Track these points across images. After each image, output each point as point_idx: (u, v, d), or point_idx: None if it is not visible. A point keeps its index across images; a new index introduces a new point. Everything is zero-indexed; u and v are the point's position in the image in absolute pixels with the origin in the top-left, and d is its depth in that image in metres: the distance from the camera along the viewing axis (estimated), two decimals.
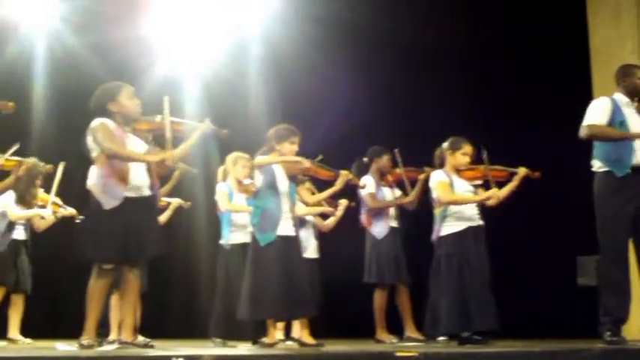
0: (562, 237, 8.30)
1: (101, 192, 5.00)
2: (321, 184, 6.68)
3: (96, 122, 5.06)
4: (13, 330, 7.26)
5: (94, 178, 5.06)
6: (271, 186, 5.84)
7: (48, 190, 7.13)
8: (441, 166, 6.39)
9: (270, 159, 5.84)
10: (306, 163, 5.91)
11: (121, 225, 4.96)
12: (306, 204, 6.57)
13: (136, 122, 5.26)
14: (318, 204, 6.78)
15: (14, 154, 6.19)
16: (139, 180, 5.07)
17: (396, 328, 7.29)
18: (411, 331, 7.14)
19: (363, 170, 7.29)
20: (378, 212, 7.22)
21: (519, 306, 7.98)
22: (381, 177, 7.32)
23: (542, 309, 8.23)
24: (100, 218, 4.99)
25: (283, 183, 5.87)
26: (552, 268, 8.31)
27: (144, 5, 9.11)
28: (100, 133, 5.00)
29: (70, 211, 7.15)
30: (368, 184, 7.12)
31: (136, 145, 5.16)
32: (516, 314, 7.82)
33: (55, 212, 7.15)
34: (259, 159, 5.88)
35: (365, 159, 7.36)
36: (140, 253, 5.07)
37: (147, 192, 5.11)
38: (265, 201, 5.84)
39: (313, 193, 6.79)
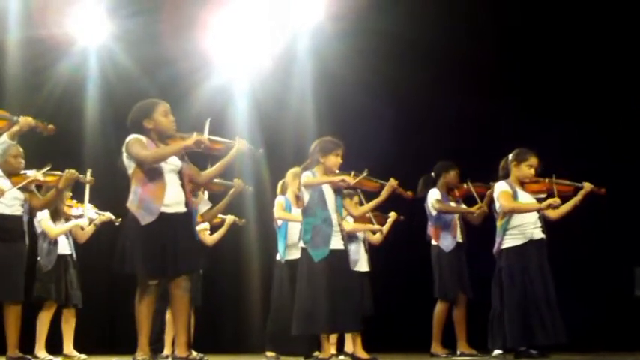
0: (619, 248, 8.16)
1: (137, 208, 4.99)
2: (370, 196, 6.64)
3: (129, 138, 5.08)
4: (68, 346, 7.32)
5: (131, 194, 5.09)
6: (320, 202, 5.84)
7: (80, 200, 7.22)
8: (505, 177, 6.30)
9: (318, 180, 5.85)
10: (351, 181, 5.90)
11: (157, 240, 4.95)
12: (354, 217, 6.54)
13: (171, 139, 5.25)
14: (365, 216, 6.76)
15: (61, 169, 6.25)
16: (175, 196, 5.05)
17: (447, 342, 7.22)
18: (463, 346, 7.07)
19: (430, 185, 7.26)
20: (446, 226, 7.17)
21: (576, 319, 7.84)
22: (449, 192, 7.28)
23: (599, 321, 8.08)
24: (136, 234, 4.98)
25: (331, 198, 5.88)
26: (609, 279, 8.16)
27: (192, 23, 9.20)
28: (133, 146, 5.00)
29: (106, 215, 7.22)
30: (434, 194, 7.14)
31: (169, 160, 5.13)
32: (573, 327, 7.70)
33: (92, 220, 7.23)
34: (307, 179, 5.87)
35: (432, 174, 7.33)
36: (176, 269, 5.01)
37: (182, 208, 5.09)
38: (315, 217, 5.84)
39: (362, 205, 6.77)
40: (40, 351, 7.13)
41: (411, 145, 8.97)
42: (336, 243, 5.83)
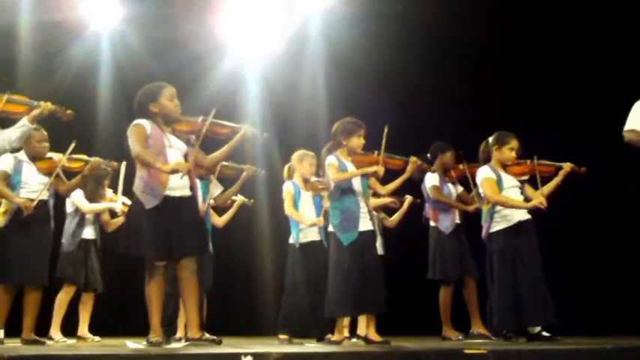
0: (636, 233, 8.13)
1: (142, 192, 5.07)
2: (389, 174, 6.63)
3: (131, 125, 5.13)
4: (83, 328, 7.37)
5: (136, 179, 5.13)
6: (346, 186, 5.83)
7: (115, 190, 7.24)
8: (487, 161, 6.29)
9: (349, 174, 5.82)
10: (381, 171, 5.85)
11: (161, 223, 5.02)
12: (380, 195, 6.52)
13: (176, 123, 5.30)
14: (391, 193, 6.73)
15: (75, 152, 6.28)
16: (180, 180, 5.10)
17: (461, 324, 7.21)
18: (477, 326, 7.03)
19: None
20: (445, 207, 7.16)
21: (590, 303, 7.84)
22: (445, 172, 7.26)
23: (612, 306, 8.07)
24: (141, 217, 5.05)
25: (356, 180, 5.87)
26: (624, 264, 8.14)
27: (204, 6, 9.18)
28: (131, 135, 5.08)
29: None
30: (432, 178, 7.09)
31: (175, 145, 5.20)
32: (587, 311, 7.70)
33: (124, 211, 7.24)
34: (336, 174, 5.81)
35: (428, 155, 7.31)
36: (181, 250, 5.09)
37: (187, 192, 5.16)
38: (342, 201, 5.83)
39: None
40: (55, 332, 7.18)
41: (422, 128, 8.94)
42: (365, 225, 5.83)
